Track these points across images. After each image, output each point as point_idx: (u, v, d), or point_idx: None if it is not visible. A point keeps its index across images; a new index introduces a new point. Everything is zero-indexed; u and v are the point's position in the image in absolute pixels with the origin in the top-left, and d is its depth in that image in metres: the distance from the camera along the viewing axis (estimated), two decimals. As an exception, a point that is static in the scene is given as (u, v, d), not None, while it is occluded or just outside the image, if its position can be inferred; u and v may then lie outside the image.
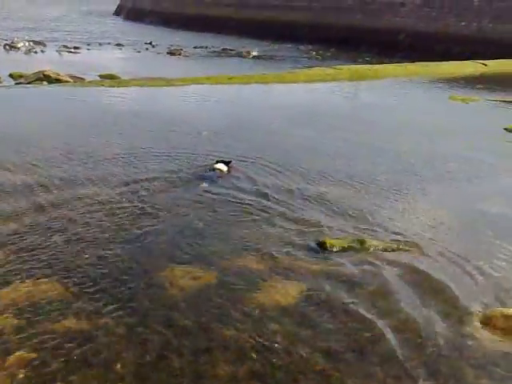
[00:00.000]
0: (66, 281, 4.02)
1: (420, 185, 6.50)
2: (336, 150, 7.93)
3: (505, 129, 9.66)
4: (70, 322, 3.56)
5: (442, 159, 7.67)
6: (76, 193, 5.69)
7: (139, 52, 26.52)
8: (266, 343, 3.45)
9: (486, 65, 18.39)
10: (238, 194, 5.96)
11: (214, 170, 6.46)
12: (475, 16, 27.67)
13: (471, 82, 16.28)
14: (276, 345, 3.44)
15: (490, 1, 27.54)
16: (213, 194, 5.95)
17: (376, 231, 5.13)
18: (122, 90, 12.35)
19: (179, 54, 26.30)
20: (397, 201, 5.92)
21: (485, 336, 3.67)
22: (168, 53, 26.51)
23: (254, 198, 5.81)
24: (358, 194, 6.10)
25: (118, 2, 68.93)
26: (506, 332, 3.72)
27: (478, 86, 15.23)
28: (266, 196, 5.89)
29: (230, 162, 6.61)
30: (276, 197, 5.87)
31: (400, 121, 10.31)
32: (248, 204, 5.67)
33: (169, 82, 13.60)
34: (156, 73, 15.17)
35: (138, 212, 5.34)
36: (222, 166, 6.49)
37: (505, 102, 12.79)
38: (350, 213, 5.53)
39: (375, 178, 6.65)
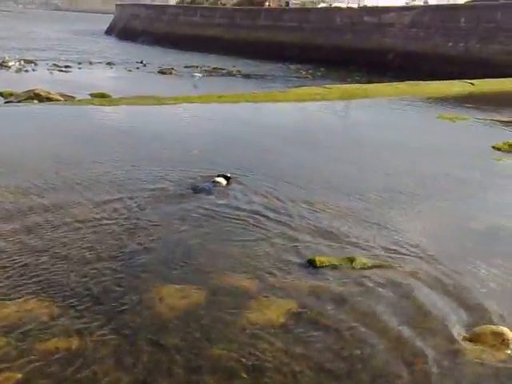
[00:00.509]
0: (53, 300, 3.98)
1: (410, 203, 6.53)
2: (327, 168, 7.97)
3: (492, 147, 9.76)
4: (57, 342, 3.52)
5: (431, 177, 7.73)
6: (66, 212, 5.66)
7: (130, 71, 26.67)
8: (257, 362, 3.43)
9: (473, 84, 18.65)
10: (229, 210, 5.98)
11: (214, 182, 6.66)
12: (462, 37, 28.16)
13: (459, 101, 16.49)
14: (266, 364, 3.42)
15: (476, 22, 28.06)
16: (203, 209, 5.96)
17: (367, 249, 5.14)
18: (112, 108, 12.38)
19: (170, 73, 26.46)
20: (387, 219, 5.94)
21: (474, 353, 3.67)
22: (159, 72, 26.69)
23: (244, 215, 5.82)
24: (348, 211, 6.12)
25: (109, 22, 69.52)
26: (495, 349, 3.72)
27: (466, 105, 15.42)
28: (256, 213, 5.89)
29: (229, 178, 6.80)
30: (267, 214, 5.87)
31: (389, 139, 10.39)
32: (238, 220, 5.68)
33: (159, 101, 13.65)
34: (147, 92, 15.23)
35: (127, 229, 5.33)
36: (221, 180, 6.69)
37: (492, 120, 12.95)
38: (341, 230, 5.54)
39: (366, 195, 6.68)
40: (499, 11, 27.67)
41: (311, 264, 4.75)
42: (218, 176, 6.78)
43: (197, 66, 30.07)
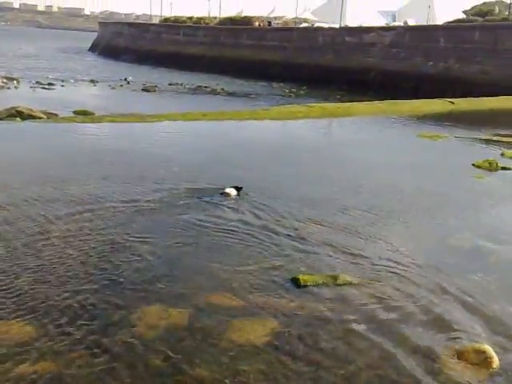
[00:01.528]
0: (33, 322, 3.91)
1: (391, 220, 6.58)
2: (309, 186, 8.01)
3: (473, 165, 9.90)
4: (37, 365, 3.45)
5: (412, 195, 7.80)
6: (48, 228, 5.62)
7: (114, 88, 26.66)
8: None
9: (453, 103, 18.98)
10: (212, 227, 6.00)
11: (223, 193, 6.85)
12: (442, 56, 28.71)
13: (439, 119, 16.76)
14: (248, 385, 3.40)
15: (455, 42, 28.66)
16: (188, 225, 5.98)
17: (350, 266, 5.16)
18: (95, 126, 12.34)
19: (154, 91, 26.50)
20: (368, 237, 5.97)
21: (457, 371, 3.67)
22: (143, 89, 26.71)
23: (227, 234, 5.83)
24: (331, 229, 6.14)
25: (92, 39, 69.64)
26: (477, 367, 3.73)
27: (446, 124, 15.67)
28: (240, 230, 5.91)
29: (241, 188, 6.96)
30: (251, 232, 5.88)
31: (370, 158, 10.50)
32: (222, 238, 5.69)
33: (143, 118, 13.64)
34: (130, 109, 15.26)
35: (109, 247, 5.29)
36: (231, 191, 6.89)
37: (472, 138, 13.16)
38: (325, 248, 5.56)
39: (348, 213, 6.73)
40: (477, 32, 28.33)
41: (295, 282, 4.75)
42: (231, 187, 6.93)
43: (181, 84, 30.18)
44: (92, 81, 29.76)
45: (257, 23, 49.60)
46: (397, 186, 8.28)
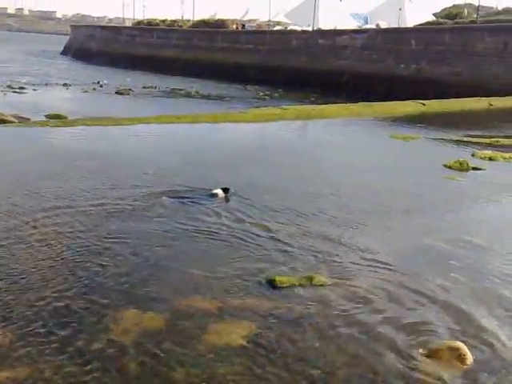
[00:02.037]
0: (7, 328, 3.85)
1: (363, 220, 6.65)
2: (286, 188, 8.04)
3: (444, 165, 10.08)
4: (11, 371, 3.40)
5: (385, 195, 7.90)
6: (22, 234, 5.54)
7: (87, 92, 26.36)
8: (217, 386, 3.41)
9: (424, 104, 19.27)
10: (188, 229, 5.99)
11: (213, 194, 7.10)
12: (413, 58, 29.14)
13: (411, 120, 17.01)
14: (226, 388, 3.40)
15: (426, 44, 29.12)
16: (164, 227, 5.99)
17: (325, 266, 5.21)
18: (68, 129, 12.19)
19: (128, 94, 26.28)
20: (343, 237, 6.03)
21: (432, 369, 3.73)
22: (116, 92, 26.45)
23: (204, 236, 5.83)
24: (308, 231, 6.19)
25: (64, 43, 68.77)
26: (451, 364, 3.80)
27: (418, 125, 15.91)
28: (217, 234, 5.91)
29: (228, 190, 7.22)
30: (228, 234, 5.90)
31: (344, 159, 10.61)
32: (199, 240, 5.70)
33: (116, 122, 13.53)
34: (104, 112, 15.12)
35: (84, 251, 5.24)
36: (219, 191, 7.16)
37: (443, 139, 13.39)
38: (300, 250, 5.60)
39: (322, 214, 6.78)
40: (447, 34, 28.86)
41: (271, 284, 4.78)
42: (219, 189, 7.16)
43: (155, 87, 29.99)
44: (65, 84, 29.38)
45: (234, 26, 49.63)
46: (371, 186, 8.37)
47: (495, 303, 4.69)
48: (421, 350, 3.92)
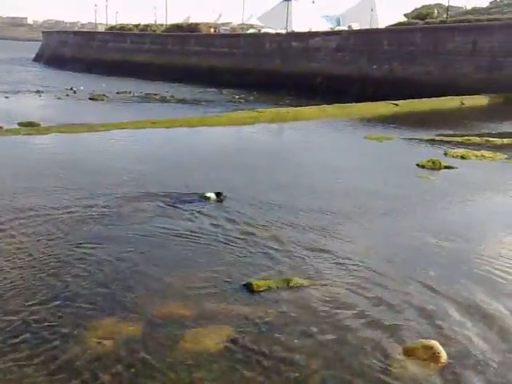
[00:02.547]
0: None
1: (340, 222, 6.72)
2: (264, 190, 8.07)
3: (417, 165, 10.23)
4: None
5: (360, 195, 7.99)
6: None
7: (60, 99, 26.01)
8: (195, 392, 3.42)
9: (397, 105, 19.52)
10: (164, 235, 5.99)
11: (205, 197, 7.25)
12: (386, 59, 29.48)
13: (384, 121, 17.22)
14: (204, 393, 3.41)
15: (398, 45, 29.49)
16: (139, 233, 5.96)
17: (302, 269, 5.25)
18: (41, 137, 12.05)
19: (102, 100, 26.04)
20: (321, 238, 6.08)
21: (408, 368, 3.78)
22: (90, 99, 26.17)
23: (180, 240, 5.84)
24: (283, 233, 6.22)
25: (37, 49, 67.82)
26: (426, 362, 3.85)
27: (391, 125, 16.12)
28: (192, 238, 5.92)
29: (221, 194, 7.34)
30: (202, 239, 5.91)
31: (319, 160, 10.69)
32: (175, 246, 5.70)
33: (90, 128, 13.42)
34: (78, 119, 14.95)
35: (58, 258, 5.21)
36: (211, 195, 7.30)
37: (415, 139, 13.59)
38: (277, 253, 5.63)
39: (298, 217, 6.83)
40: (418, 34, 29.28)
41: (248, 288, 4.80)
42: (213, 193, 7.31)
43: (130, 92, 29.77)
44: (37, 91, 28.95)
45: (212, 30, 49.50)
46: (347, 187, 8.45)
47: (469, 304, 4.78)
48: (396, 350, 3.97)
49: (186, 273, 5.07)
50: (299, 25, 47.67)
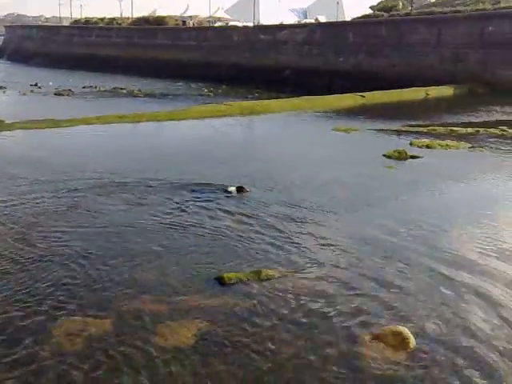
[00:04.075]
0: None
1: (309, 214, 6.78)
2: (231, 181, 8.06)
3: (383, 155, 10.39)
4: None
5: (328, 186, 8.08)
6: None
7: (24, 94, 25.44)
8: (168, 386, 3.43)
9: (364, 96, 19.73)
10: (134, 228, 5.98)
11: (227, 191, 7.52)
12: (352, 52, 29.71)
13: (352, 113, 17.41)
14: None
15: (364, 37, 29.75)
16: (108, 228, 5.92)
17: (273, 260, 5.29)
18: (5, 134, 11.81)
19: (68, 95, 25.58)
20: (288, 231, 6.13)
21: (377, 354, 3.86)
22: (56, 94, 25.68)
23: (148, 236, 5.82)
24: (253, 225, 6.26)
25: (-2, 43, 66.10)
26: (395, 348, 3.94)
27: (359, 117, 16.31)
28: (162, 232, 5.92)
29: (242, 188, 7.58)
30: (172, 233, 5.91)
31: (288, 152, 10.76)
32: (144, 240, 5.68)
33: (56, 124, 13.20)
34: (43, 115, 14.63)
35: (19, 255, 5.16)
36: (232, 189, 7.56)
37: (382, 130, 13.78)
38: (248, 245, 5.67)
39: (267, 209, 6.87)
40: (383, 27, 29.58)
41: (220, 281, 4.82)
42: (234, 187, 7.57)
43: (96, 87, 29.31)
44: (0, 87, 28.28)
45: (190, 23, 48.83)
46: (316, 178, 8.52)
47: (439, 288, 4.89)
48: (366, 337, 4.05)
49: (156, 267, 5.06)
50: (266, 18, 47.63)
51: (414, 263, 5.36)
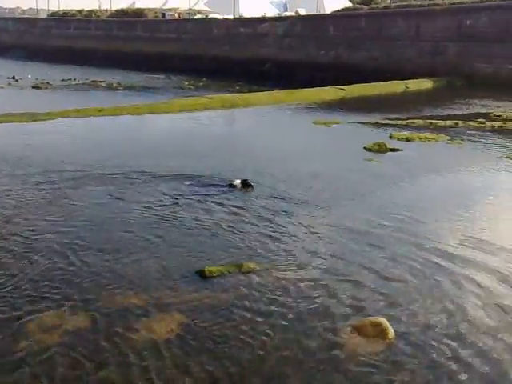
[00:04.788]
0: None
1: (290, 207, 6.80)
2: (212, 175, 8.08)
3: (364, 148, 10.46)
4: None
5: (309, 179, 8.10)
6: None
7: (2, 88, 25.02)
8: (149, 381, 3.41)
9: (344, 89, 19.80)
10: (114, 219, 5.97)
11: (231, 185, 7.47)
12: (332, 45, 29.77)
13: (332, 106, 17.48)
14: (158, 382, 3.42)
15: (343, 30, 29.82)
16: (86, 220, 5.90)
17: (254, 253, 5.31)
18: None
19: (46, 88, 25.21)
20: (270, 225, 6.14)
21: (357, 345, 3.90)
22: (33, 87, 25.29)
23: (125, 228, 5.81)
24: (234, 219, 6.26)
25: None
26: (374, 339, 3.99)
27: (339, 110, 16.38)
28: (142, 225, 5.90)
29: (246, 181, 7.53)
30: (152, 228, 5.89)
31: (269, 146, 10.77)
32: (121, 233, 5.66)
33: (34, 117, 13.02)
34: (21, 108, 14.41)
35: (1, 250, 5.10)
36: (237, 182, 7.51)
37: (362, 123, 13.86)
38: (229, 238, 5.68)
39: (249, 203, 6.88)
40: (363, 19, 29.68)
41: (201, 275, 4.82)
42: (240, 180, 7.51)
43: (75, 79, 28.93)
44: (-25, 80, 27.75)
45: (176, 15, 48.16)
46: (297, 172, 8.54)
47: (421, 281, 4.96)
48: (346, 328, 4.09)
49: (137, 262, 5.04)
50: (246, 10, 47.38)
51: (393, 257, 5.41)
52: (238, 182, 7.52)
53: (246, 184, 7.52)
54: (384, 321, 4.13)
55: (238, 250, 5.41)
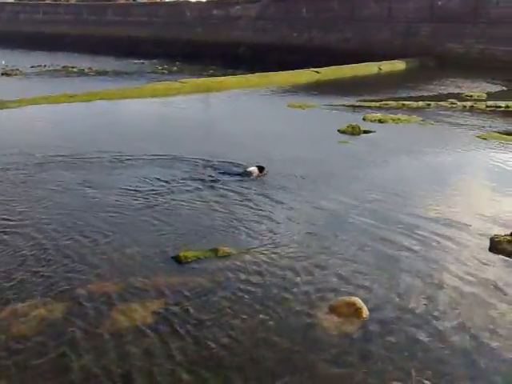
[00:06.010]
0: None
1: (262, 188, 6.85)
2: (189, 159, 8.05)
3: (338, 130, 10.52)
4: None
5: (284, 162, 8.12)
6: None
7: (-32, 75, 24.40)
8: (126, 367, 3.43)
9: (318, 72, 19.79)
10: (89, 206, 5.91)
11: (246, 172, 7.37)
12: (305, 27, 29.68)
13: (307, 89, 17.46)
14: (136, 367, 3.43)
15: (316, 12, 29.73)
16: (61, 208, 5.81)
17: (231, 237, 5.34)
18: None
19: (16, 75, 24.67)
20: (245, 209, 6.17)
21: (332, 325, 3.97)
22: (3, 74, 24.73)
23: (102, 214, 5.77)
24: (209, 205, 6.27)
25: None
26: (348, 318, 4.06)
27: (313, 93, 16.38)
28: (118, 211, 5.88)
29: (263, 168, 7.43)
30: (128, 213, 5.87)
31: (244, 129, 10.76)
32: (96, 219, 5.64)
33: (3, 105, 12.75)
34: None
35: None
36: (253, 169, 7.40)
37: (337, 105, 13.90)
38: (205, 223, 5.69)
39: (224, 187, 6.88)
40: (336, 1, 29.59)
41: (176, 260, 4.84)
42: (254, 167, 7.40)
43: (45, 65, 28.34)
44: None
45: None
46: (271, 155, 8.54)
47: (398, 263, 5.05)
48: (322, 309, 4.15)
49: (112, 248, 5.03)
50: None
51: (367, 238, 5.49)
52: (254, 168, 7.41)
53: (261, 170, 7.44)
54: (358, 300, 4.21)
55: (212, 235, 5.42)
